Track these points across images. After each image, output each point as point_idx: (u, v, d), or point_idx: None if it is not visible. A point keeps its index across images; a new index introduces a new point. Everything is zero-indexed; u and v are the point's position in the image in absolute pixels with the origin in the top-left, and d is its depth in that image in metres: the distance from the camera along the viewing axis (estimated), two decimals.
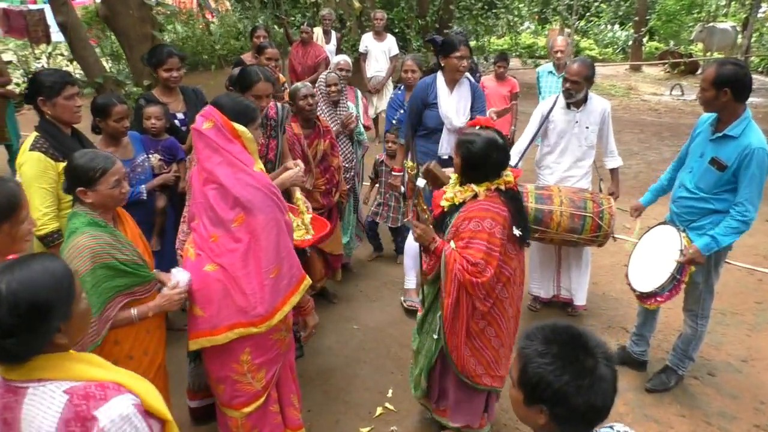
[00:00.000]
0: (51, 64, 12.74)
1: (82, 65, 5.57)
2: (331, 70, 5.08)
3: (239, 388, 2.51)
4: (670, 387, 3.70)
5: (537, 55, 18.24)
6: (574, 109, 4.15)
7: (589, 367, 1.31)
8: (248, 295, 2.37)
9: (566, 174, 4.28)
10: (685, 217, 3.43)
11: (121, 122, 3.42)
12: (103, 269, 2.25)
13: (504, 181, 2.67)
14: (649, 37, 20.22)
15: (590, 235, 3.93)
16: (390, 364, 3.90)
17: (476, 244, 2.57)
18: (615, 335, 4.31)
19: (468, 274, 2.56)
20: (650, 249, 3.56)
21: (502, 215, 2.59)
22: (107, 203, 2.36)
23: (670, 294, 3.33)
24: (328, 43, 8.70)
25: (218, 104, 2.43)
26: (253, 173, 2.38)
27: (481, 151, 2.60)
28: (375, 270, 5.27)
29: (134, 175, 3.60)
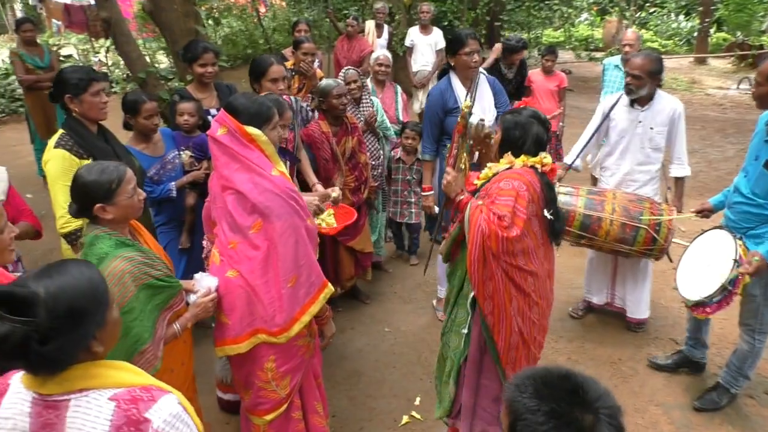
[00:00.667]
0: (109, 58, 13.16)
1: (125, 61, 5.65)
2: (375, 63, 5.02)
3: (264, 395, 2.48)
4: (720, 407, 3.44)
5: (593, 47, 17.60)
6: (638, 107, 3.82)
7: (587, 426, 1.13)
8: (266, 304, 2.32)
9: (627, 178, 3.95)
10: (741, 224, 3.18)
11: (150, 119, 3.42)
12: (145, 290, 2.13)
13: (541, 162, 2.54)
14: (717, 27, 19.22)
15: (643, 248, 3.64)
16: (420, 370, 3.78)
17: (504, 200, 2.39)
18: (662, 347, 4.05)
19: (492, 224, 2.34)
20: (702, 254, 3.32)
21: (533, 186, 2.43)
22: (127, 215, 2.20)
23: (719, 305, 3.08)
24: (380, 37, 8.57)
25: (231, 108, 2.36)
26: (272, 177, 2.31)
27: (525, 120, 2.54)
28: (410, 271, 5.14)
29: (164, 171, 3.60)
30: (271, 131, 2.40)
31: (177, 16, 5.59)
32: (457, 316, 2.69)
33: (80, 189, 2.12)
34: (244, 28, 14.43)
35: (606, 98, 4.19)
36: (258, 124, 2.34)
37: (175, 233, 3.77)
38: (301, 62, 4.84)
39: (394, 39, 9.55)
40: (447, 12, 12.19)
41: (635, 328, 4.25)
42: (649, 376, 3.74)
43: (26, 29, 6.42)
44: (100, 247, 2.10)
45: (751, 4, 18.14)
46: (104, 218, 2.13)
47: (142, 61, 5.48)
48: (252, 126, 2.32)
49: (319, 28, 11.95)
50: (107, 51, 12.81)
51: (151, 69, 5.38)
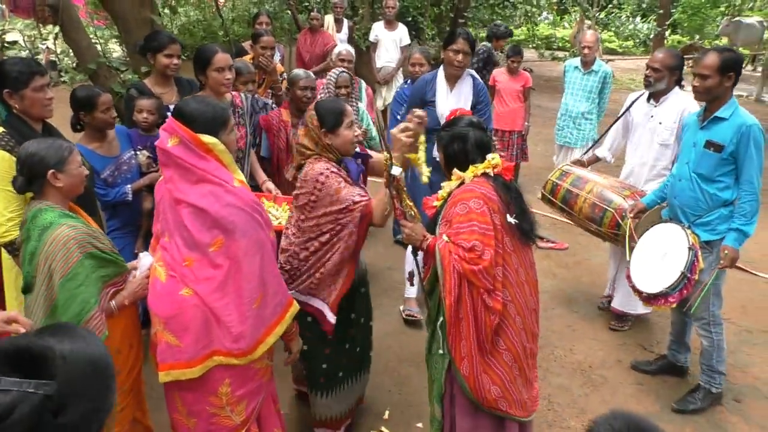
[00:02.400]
0: (58, 45, 12.54)
1: (74, 50, 5.29)
2: (338, 59, 4.79)
3: (216, 422, 2.25)
4: (700, 407, 3.46)
5: (555, 47, 17.76)
6: (653, 102, 3.91)
7: None
8: (228, 327, 2.11)
9: (635, 171, 4.10)
10: (688, 212, 3.31)
11: (107, 113, 3.18)
12: (89, 259, 2.18)
13: (490, 165, 2.42)
14: (672, 30, 19.67)
15: (609, 231, 3.79)
16: (388, 381, 3.64)
17: (466, 228, 2.28)
18: (632, 353, 4.03)
19: (466, 262, 2.25)
20: (653, 247, 3.37)
21: (489, 197, 2.32)
22: (75, 187, 2.28)
23: (680, 294, 3.16)
24: (340, 32, 8.35)
25: (182, 114, 2.12)
26: (235, 190, 2.10)
27: (460, 131, 2.47)
28: (376, 275, 4.98)
29: (119, 173, 3.34)
30: (228, 136, 2.18)
31: (131, 5, 5.26)
32: (437, 336, 2.53)
33: (31, 158, 2.19)
34: (202, 18, 13.98)
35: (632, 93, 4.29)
36: (214, 130, 2.12)
37: (130, 239, 3.49)
38: (260, 56, 4.63)
39: (357, 33, 9.36)
40: (410, 7, 12.05)
41: (615, 325, 4.27)
42: (620, 385, 3.70)
43: None
44: (44, 217, 2.17)
45: (705, 9, 18.65)
46: (54, 187, 2.20)
47: (93, 51, 5.14)
48: (207, 133, 2.09)
49: (280, 20, 11.64)
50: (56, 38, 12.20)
51: (102, 59, 5.05)
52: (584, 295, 4.77)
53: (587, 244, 5.51)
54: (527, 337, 2.44)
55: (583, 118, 5.75)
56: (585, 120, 5.76)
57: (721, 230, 3.22)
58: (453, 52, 3.71)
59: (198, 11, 14.04)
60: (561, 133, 5.95)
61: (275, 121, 3.92)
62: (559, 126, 5.98)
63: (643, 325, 4.37)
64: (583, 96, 5.72)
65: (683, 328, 3.67)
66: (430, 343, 2.60)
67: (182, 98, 3.75)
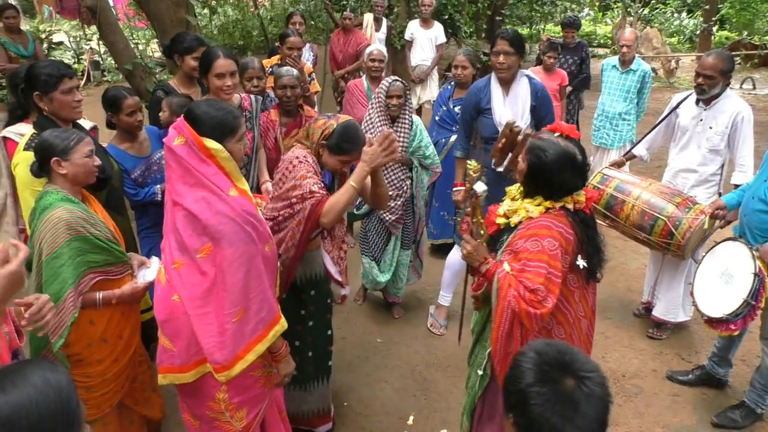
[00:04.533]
0: (102, 46, 12.87)
1: (111, 51, 5.40)
2: (369, 59, 4.73)
3: (217, 426, 2.25)
4: (740, 426, 3.29)
5: (595, 44, 17.39)
6: (702, 105, 3.73)
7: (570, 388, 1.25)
8: (203, 338, 2.07)
9: (680, 174, 3.92)
10: (757, 233, 3.05)
11: (133, 116, 3.20)
12: (78, 242, 2.28)
13: (573, 200, 2.21)
14: (720, 26, 19.04)
15: (660, 239, 3.59)
16: (413, 385, 3.59)
17: (534, 267, 2.10)
18: (668, 362, 3.87)
19: (525, 302, 2.09)
20: (718, 268, 3.18)
21: (565, 237, 2.13)
22: (80, 175, 2.38)
23: (744, 321, 2.98)
24: (378, 31, 8.34)
25: (191, 115, 2.10)
26: (228, 199, 2.05)
27: (553, 164, 2.13)
28: None
29: (149, 173, 3.37)
30: (234, 144, 2.13)
31: (167, 6, 5.35)
32: (478, 355, 2.45)
33: (42, 144, 2.34)
34: (241, 18, 14.15)
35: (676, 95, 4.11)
36: (220, 136, 2.08)
37: (159, 238, 3.51)
38: (287, 57, 4.62)
39: (393, 32, 9.32)
40: (447, 5, 11.94)
41: (654, 333, 4.13)
42: (655, 396, 3.56)
43: (9, 15, 6.14)
44: (46, 199, 2.30)
45: (756, 3, 17.96)
46: (59, 173, 2.32)
47: (129, 52, 5.24)
48: (213, 138, 2.06)
49: (315, 19, 11.69)
50: (99, 38, 12.54)
51: (138, 60, 5.14)
52: (619, 301, 4.63)
53: (623, 248, 5.35)
54: None
55: (621, 119, 5.58)
56: (622, 121, 5.59)
57: None
58: (494, 55, 3.53)
59: (237, 11, 14.21)
60: (597, 134, 5.80)
61: (263, 120, 3.83)
62: (596, 126, 5.82)
63: (683, 333, 4.20)
64: (621, 96, 5.56)
65: (730, 344, 3.49)
66: (470, 354, 2.54)
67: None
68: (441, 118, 4.76)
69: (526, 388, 1.27)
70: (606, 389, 1.27)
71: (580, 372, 1.26)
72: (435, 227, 5.03)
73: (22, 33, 6.40)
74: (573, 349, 1.35)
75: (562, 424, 1.21)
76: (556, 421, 1.21)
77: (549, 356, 1.30)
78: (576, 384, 1.25)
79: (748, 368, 3.64)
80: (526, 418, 1.25)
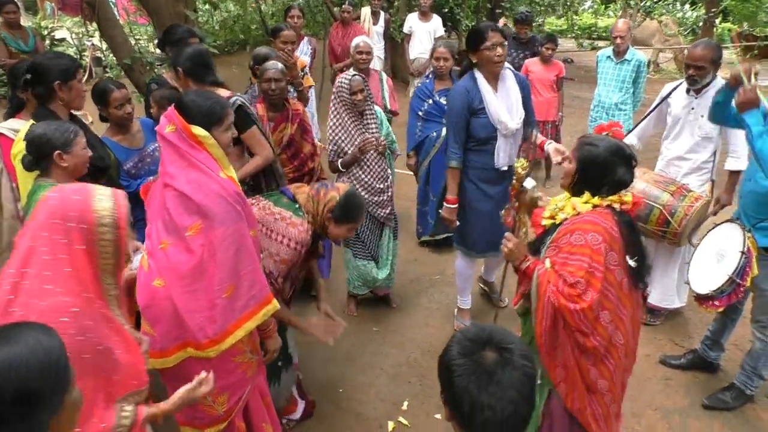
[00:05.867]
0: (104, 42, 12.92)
1: (110, 45, 5.47)
2: (356, 51, 4.76)
3: (200, 409, 2.30)
4: (731, 407, 3.35)
5: (595, 36, 17.35)
6: (693, 94, 3.78)
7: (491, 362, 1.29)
8: (195, 314, 2.12)
9: (673, 163, 3.97)
10: (751, 215, 3.10)
11: (121, 109, 3.25)
12: None
13: (620, 200, 2.23)
14: (723, 17, 18.95)
15: (656, 228, 3.63)
16: (408, 372, 3.64)
17: (576, 260, 2.11)
18: (662, 348, 3.93)
19: (564, 297, 2.09)
20: (713, 248, 3.24)
21: (610, 233, 2.13)
22: (79, 166, 2.43)
23: (728, 298, 3.03)
24: (376, 24, 8.38)
25: (181, 104, 2.19)
26: (219, 179, 2.13)
27: (605, 158, 2.20)
28: (402, 267, 4.96)
29: (143, 165, 3.42)
30: (222, 133, 2.22)
31: (166, 0, 5.41)
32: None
33: (39, 138, 2.34)
34: (242, 13, 14.17)
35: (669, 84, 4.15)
36: (207, 124, 2.17)
37: None
38: (280, 51, 4.65)
39: (393, 26, 9.34)
40: None
41: (648, 320, 4.15)
42: (648, 380, 3.61)
43: (9, 11, 6.16)
44: (41, 192, 2.26)
45: None
46: (59, 167, 2.36)
47: (128, 47, 5.30)
48: (201, 126, 2.15)
49: (314, 13, 11.70)
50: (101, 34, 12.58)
51: (137, 55, 5.20)
52: None
53: None
54: (627, 375, 2.40)
55: (617, 109, 5.63)
56: (619, 111, 5.63)
57: None
58: (489, 49, 3.34)
59: (238, 6, 14.22)
60: (594, 124, 5.80)
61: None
62: (592, 117, 5.87)
63: (677, 319, 4.24)
64: (616, 86, 5.60)
65: (723, 328, 3.54)
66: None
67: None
68: (427, 111, 4.77)
69: (449, 362, 1.32)
70: (525, 360, 1.31)
71: (498, 344, 1.31)
72: (434, 222, 5.06)
73: (22, 28, 6.42)
74: (494, 326, 1.40)
75: (478, 393, 1.26)
76: (473, 391, 1.26)
77: (470, 332, 1.37)
78: (494, 355, 1.30)
79: (740, 352, 3.67)
80: (450, 390, 1.31)
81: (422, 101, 4.76)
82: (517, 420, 1.27)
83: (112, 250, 1.64)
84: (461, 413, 1.29)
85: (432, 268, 4.90)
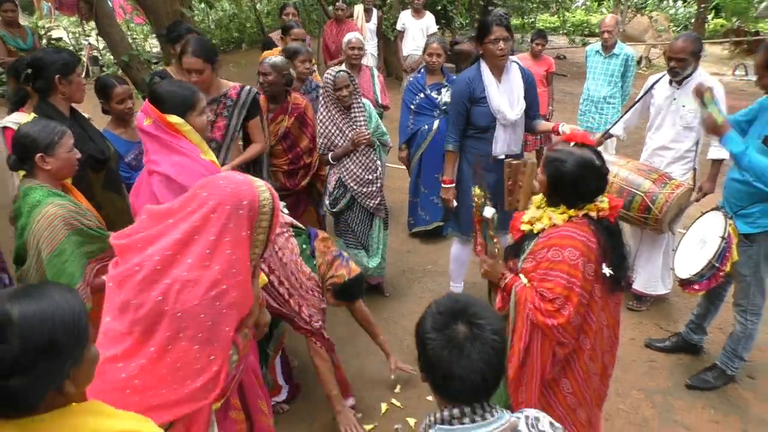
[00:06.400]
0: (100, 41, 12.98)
1: (108, 43, 5.57)
2: (348, 47, 4.87)
3: None
4: (713, 386, 3.48)
5: (587, 32, 17.49)
6: (675, 85, 3.91)
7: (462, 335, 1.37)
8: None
9: (656, 153, 4.11)
10: (733, 202, 3.22)
11: (122, 104, 3.37)
12: (75, 235, 2.32)
13: (597, 208, 2.24)
14: (715, 13, 19.09)
15: (638, 215, 3.75)
16: (401, 357, 3.72)
17: (555, 277, 2.16)
18: (647, 332, 4.06)
19: (541, 314, 2.16)
20: (697, 235, 3.38)
21: (587, 245, 2.16)
22: (64, 170, 2.40)
23: (708, 282, 3.17)
24: (369, 21, 8.49)
25: (154, 96, 2.33)
26: (202, 161, 2.27)
27: (573, 174, 2.19)
28: (395, 257, 5.08)
29: (143, 157, 3.51)
30: (197, 118, 2.36)
31: None
32: None
33: (23, 139, 2.32)
34: (237, 12, 14.26)
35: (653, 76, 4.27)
36: (182, 111, 2.30)
37: None
38: None
39: (385, 23, 9.44)
40: None
41: (634, 306, 4.28)
42: (633, 362, 3.73)
43: (7, 9, 6.22)
44: (33, 196, 2.30)
45: None
46: (43, 169, 2.33)
47: (126, 44, 5.40)
48: (176, 113, 2.28)
49: (309, 12, 11.81)
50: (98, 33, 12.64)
51: (135, 52, 5.29)
52: None
53: None
54: (599, 380, 2.37)
55: (606, 103, 5.75)
56: (607, 104, 5.75)
57: (762, 224, 3.09)
58: (492, 43, 3.50)
59: (233, 5, 14.32)
60: (583, 118, 5.96)
61: None
62: (582, 111, 5.98)
63: (662, 305, 4.37)
64: (605, 80, 5.72)
65: (706, 313, 3.67)
66: None
67: None
68: (418, 105, 4.89)
69: (423, 335, 1.42)
70: (495, 334, 1.38)
71: (471, 319, 1.39)
72: (426, 213, 5.17)
73: (20, 27, 6.49)
74: (469, 299, 1.46)
75: (449, 366, 1.35)
76: (445, 363, 1.36)
77: (443, 305, 1.44)
78: (465, 330, 1.37)
79: (723, 335, 3.78)
80: (425, 359, 1.41)
81: (414, 95, 4.88)
82: (487, 386, 1.39)
83: (264, 237, 1.78)
84: (434, 381, 1.41)
85: (424, 258, 5.02)
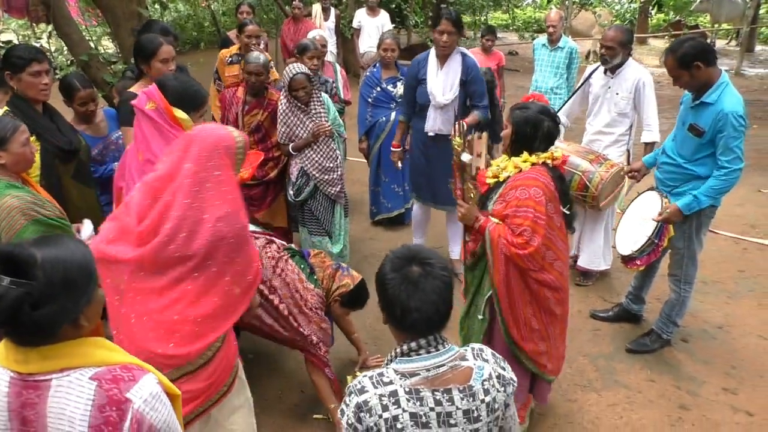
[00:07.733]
0: (52, 44, 12.77)
1: (66, 43, 5.59)
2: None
3: None
4: (651, 350, 3.78)
5: (536, 29, 18.02)
6: (609, 74, 4.21)
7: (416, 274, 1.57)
8: None
9: (594, 137, 4.41)
10: (667, 183, 3.52)
11: (84, 107, 3.47)
12: (34, 225, 2.38)
13: (552, 156, 2.68)
14: (658, 8, 19.83)
15: (577, 193, 4.03)
16: (364, 335, 3.93)
17: (523, 212, 2.56)
18: (592, 303, 4.37)
19: (513, 246, 2.56)
20: (636, 214, 3.65)
21: (548, 187, 2.59)
22: (19, 164, 2.46)
23: (648, 258, 3.45)
24: (327, 20, 8.64)
25: (162, 85, 2.40)
26: None
27: (534, 118, 2.64)
28: (358, 244, 5.29)
29: (107, 152, 3.64)
30: (198, 118, 2.45)
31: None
32: (478, 304, 2.88)
33: None
34: (192, 13, 14.21)
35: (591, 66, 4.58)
36: (187, 108, 2.40)
37: None
38: (246, 45, 4.90)
39: (342, 22, 9.62)
40: None
41: (581, 281, 4.58)
42: (579, 331, 4.03)
43: None
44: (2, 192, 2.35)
45: None
46: None
47: (84, 44, 5.44)
48: (181, 108, 2.37)
49: (267, 11, 11.89)
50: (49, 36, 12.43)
51: (94, 51, 5.35)
52: None
53: None
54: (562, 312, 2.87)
55: (552, 93, 6.05)
56: (554, 95, 6.05)
57: None
58: (438, 33, 3.98)
59: (188, 6, 14.26)
60: None
61: (229, 95, 4.29)
62: None
63: (605, 280, 4.69)
64: (551, 72, 6.04)
65: (643, 284, 3.98)
66: (467, 310, 2.99)
67: None
68: (375, 98, 5.14)
69: (383, 277, 1.62)
70: (443, 271, 1.60)
71: (422, 260, 1.60)
72: (388, 201, 5.40)
73: None
74: (421, 246, 1.71)
75: (407, 300, 1.55)
76: (403, 298, 1.56)
77: (399, 252, 1.66)
78: (418, 269, 1.58)
79: (660, 304, 4.06)
80: (385, 299, 1.61)
81: (371, 89, 5.11)
82: (440, 317, 1.60)
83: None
84: (394, 317, 1.60)
85: (386, 244, 5.23)
